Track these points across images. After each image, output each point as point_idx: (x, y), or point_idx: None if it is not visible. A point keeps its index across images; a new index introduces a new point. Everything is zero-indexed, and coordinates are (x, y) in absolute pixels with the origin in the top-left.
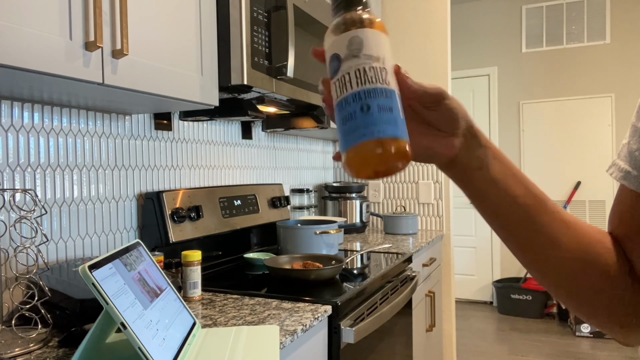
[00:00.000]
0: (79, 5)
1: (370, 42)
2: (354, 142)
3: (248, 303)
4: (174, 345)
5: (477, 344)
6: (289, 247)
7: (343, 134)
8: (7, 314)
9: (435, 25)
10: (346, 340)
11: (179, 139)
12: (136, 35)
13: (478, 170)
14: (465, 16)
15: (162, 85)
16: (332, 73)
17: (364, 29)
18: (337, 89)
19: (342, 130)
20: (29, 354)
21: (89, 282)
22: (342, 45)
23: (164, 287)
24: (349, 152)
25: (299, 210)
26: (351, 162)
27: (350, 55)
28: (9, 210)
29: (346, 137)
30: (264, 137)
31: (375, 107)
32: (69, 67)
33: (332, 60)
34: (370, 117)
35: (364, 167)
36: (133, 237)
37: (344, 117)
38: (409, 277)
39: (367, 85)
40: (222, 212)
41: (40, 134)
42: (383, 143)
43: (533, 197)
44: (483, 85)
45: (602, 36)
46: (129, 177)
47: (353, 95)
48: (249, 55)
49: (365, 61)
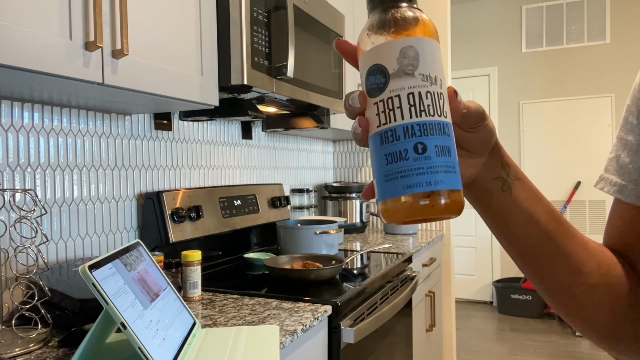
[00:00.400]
0: (79, 5)
1: (427, 57)
2: (402, 191)
3: (248, 303)
4: (174, 345)
5: (477, 344)
6: (289, 247)
7: (385, 175)
8: (7, 314)
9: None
10: (346, 340)
11: (179, 139)
12: (136, 35)
13: (501, 193)
14: (465, 16)
15: (162, 85)
16: (373, 90)
17: (420, 38)
18: (380, 115)
19: (385, 169)
20: (29, 354)
21: (89, 282)
22: (391, 55)
23: (164, 287)
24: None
25: (299, 210)
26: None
27: (402, 72)
28: (9, 210)
29: (391, 182)
30: (264, 137)
31: (433, 149)
32: (69, 67)
33: (374, 72)
34: (427, 162)
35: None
36: (133, 237)
37: (389, 154)
38: (409, 277)
39: (423, 117)
40: (222, 212)
41: (40, 134)
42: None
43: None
44: (483, 85)
45: (602, 36)
46: (129, 177)
47: (405, 127)
48: (249, 55)
49: (422, 83)
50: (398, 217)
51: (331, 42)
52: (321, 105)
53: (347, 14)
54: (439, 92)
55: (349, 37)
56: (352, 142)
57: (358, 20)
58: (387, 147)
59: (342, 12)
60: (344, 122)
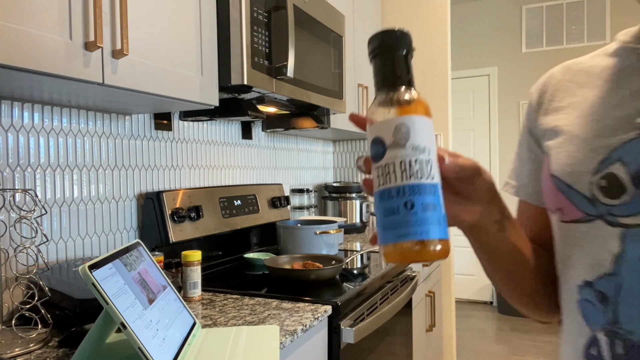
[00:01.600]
0: (79, 5)
1: (417, 132)
2: (395, 239)
3: (248, 303)
4: (174, 345)
5: (477, 344)
6: (289, 247)
7: (384, 226)
8: (7, 314)
9: (435, 25)
10: (346, 340)
11: (179, 139)
12: (136, 35)
13: (496, 233)
14: (465, 16)
15: (162, 85)
16: (375, 157)
17: (411, 117)
18: (380, 177)
19: (383, 222)
20: (29, 354)
21: (89, 282)
22: (388, 130)
23: (164, 287)
24: (389, 247)
25: (299, 210)
26: (390, 256)
27: (395, 144)
28: (9, 210)
29: (387, 231)
30: (264, 137)
31: (420, 206)
32: (69, 67)
33: (376, 143)
34: (414, 217)
35: (403, 262)
36: (133, 237)
37: (385, 209)
38: (409, 277)
39: (412, 180)
40: (222, 212)
41: (40, 134)
42: (425, 244)
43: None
44: (483, 85)
45: (602, 36)
46: (129, 177)
47: (397, 189)
48: (249, 55)
49: (411, 153)
50: (393, 259)
51: (331, 42)
52: (321, 105)
53: (347, 14)
54: (427, 159)
55: (348, 36)
56: (352, 142)
57: (358, 20)
58: (385, 203)
59: (342, 12)
60: (344, 122)
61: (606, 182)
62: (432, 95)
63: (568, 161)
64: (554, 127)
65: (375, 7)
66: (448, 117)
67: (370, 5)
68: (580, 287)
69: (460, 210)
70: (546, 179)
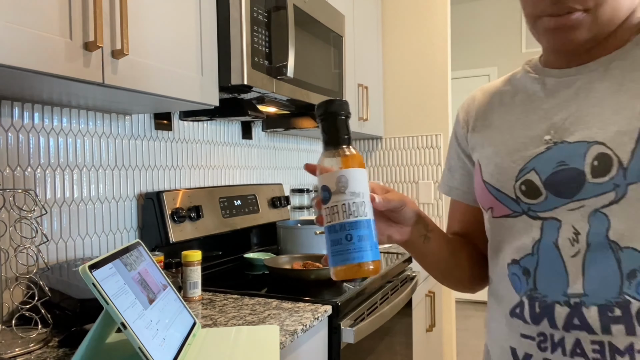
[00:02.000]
0: (79, 5)
1: (353, 181)
2: (340, 263)
3: (248, 303)
4: (174, 345)
5: (477, 344)
6: (289, 247)
7: (332, 253)
8: (7, 314)
9: (435, 25)
10: (346, 340)
11: (179, 139)
12: (136, 35)
13: (423, 244)
14: (465, 16)
15: (162, 85)
16: (324, 200)
17: (348, 170)
18: (327, 215)
19: (331, 249)
20: (29, 354)
21: (89, 282)
22: (332, 181)
23: (164, 287)
24: (336, 268)
25: (299, 210)
26: (337, 275)
27: (338, 191)
28: (9, 210)
29: (334, 257)
30: (264, 137)
31: (356, 237)
32: (69, 67)
33: (324, 189)
34: (352, 246)
35: (347, 279)
36: (133, 237)
37: (332, 240)
38: (409, 277)
39: (350, 218)
40: (222, 212)
41: (41, 134)
42: (362, 265)
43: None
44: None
45: None
46: (129, 177)
47: (340, 225)
48: (249, 55)
49: (349, 197)
50: (340, 277)
51: (331, 42)
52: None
53: (347, 14)
54: (362, 201)
55: (348, 36)
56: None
57: (358, 20)
58: (332, 235)
59: (342, 12)
60: None
61: (525, 187)
62: (432, 95)
63: (495, 170)
64: (482, 143)
65: (375, 7)
66: (448, 117)
67: (370, 5)
68: (509, 264)
69: (393, 232)
70: (479, 185)
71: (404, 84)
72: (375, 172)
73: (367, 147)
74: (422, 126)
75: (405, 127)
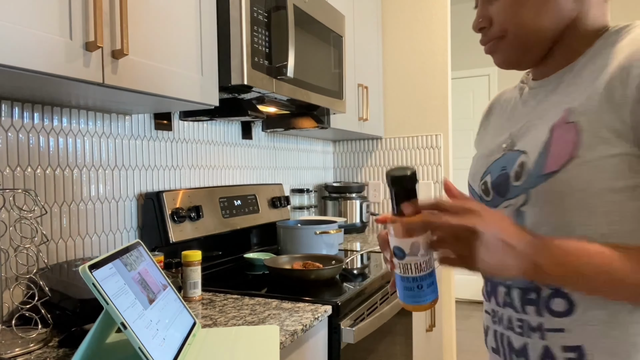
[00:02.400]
0: (79, 5)
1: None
2: (413, 303)
3: (248, 303)
4: (174, 345)
5: (477, 344)
6: (289, 247)
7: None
8: (7, 314)
9: (435, 25)
10: (346, 340)
11: (179, 139)
12: (136, 35)
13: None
14: (466, 16)
15: (162, 85)
16: (399, 257)
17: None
18: (402, 269)
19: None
20: (29, 354)
21: (89, 282)
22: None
23: (164, 287)
24: (408, 305)
25: (299, 210)
26: (408, 309)
27: (411, 254)
28: (9, 210)
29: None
30: (264, 137)
31: (425, 285)
32: (69, 67)
33: (399, 250)
34: (422, 292)
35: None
36: (133, 237)
37: (405, 287)
38: None
39: (421, 273)
40: (222, 212)
41: (41, 134)
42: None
43: None
44: (483, 86)
45: None
46: (129, 177)
47: (413, 278)
48: (249, 55)
49: (420, 259)
50: (410, 310)
51: (331, 42)
52: (321, 105)
53: (347, 14)
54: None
55: (348, 37)
56: (352, 142)
57: (358, 20)
58: (405, 283)
59: (342, 12)
60: (344, 122)
61: (483, 187)
62: (432, 95)
63: (472, 171)
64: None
65: (375, 7)
66: (448, 117)
67: (370, 5)
68: None
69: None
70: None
71: (404, 84)
72: (375, 172)
73: (367, 147)
74: (422, 126)
75: (405, 127)
